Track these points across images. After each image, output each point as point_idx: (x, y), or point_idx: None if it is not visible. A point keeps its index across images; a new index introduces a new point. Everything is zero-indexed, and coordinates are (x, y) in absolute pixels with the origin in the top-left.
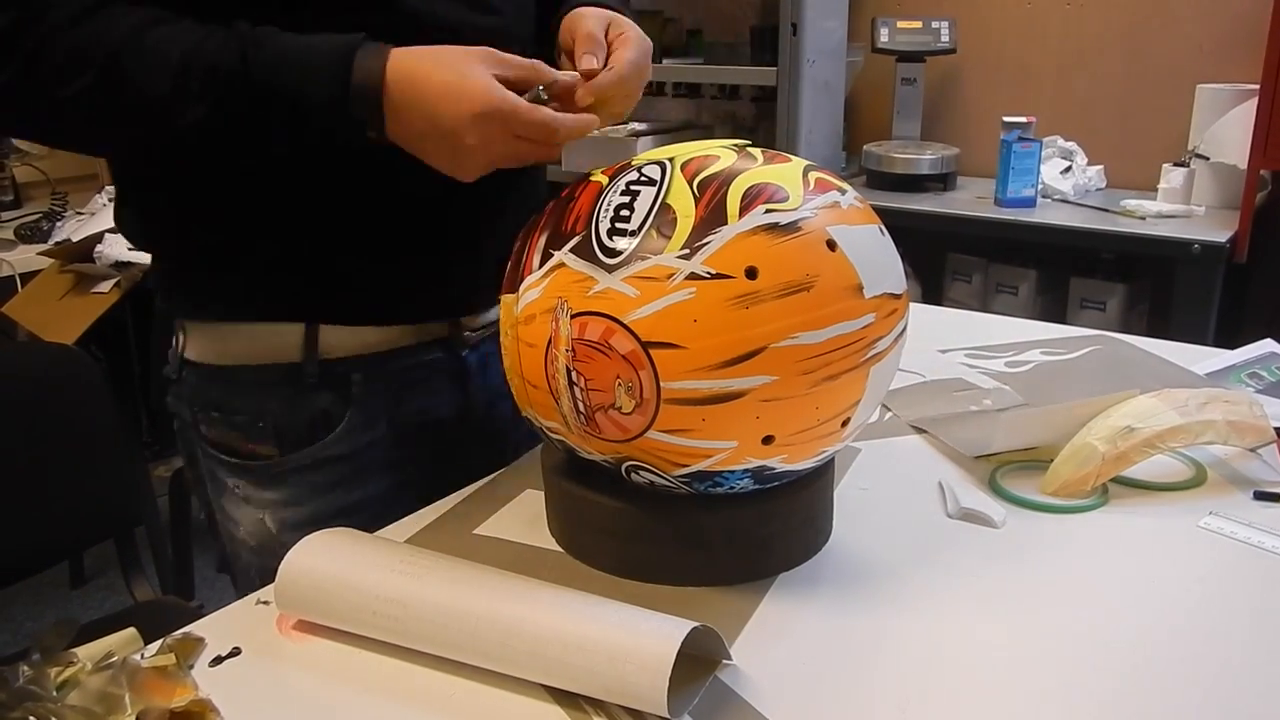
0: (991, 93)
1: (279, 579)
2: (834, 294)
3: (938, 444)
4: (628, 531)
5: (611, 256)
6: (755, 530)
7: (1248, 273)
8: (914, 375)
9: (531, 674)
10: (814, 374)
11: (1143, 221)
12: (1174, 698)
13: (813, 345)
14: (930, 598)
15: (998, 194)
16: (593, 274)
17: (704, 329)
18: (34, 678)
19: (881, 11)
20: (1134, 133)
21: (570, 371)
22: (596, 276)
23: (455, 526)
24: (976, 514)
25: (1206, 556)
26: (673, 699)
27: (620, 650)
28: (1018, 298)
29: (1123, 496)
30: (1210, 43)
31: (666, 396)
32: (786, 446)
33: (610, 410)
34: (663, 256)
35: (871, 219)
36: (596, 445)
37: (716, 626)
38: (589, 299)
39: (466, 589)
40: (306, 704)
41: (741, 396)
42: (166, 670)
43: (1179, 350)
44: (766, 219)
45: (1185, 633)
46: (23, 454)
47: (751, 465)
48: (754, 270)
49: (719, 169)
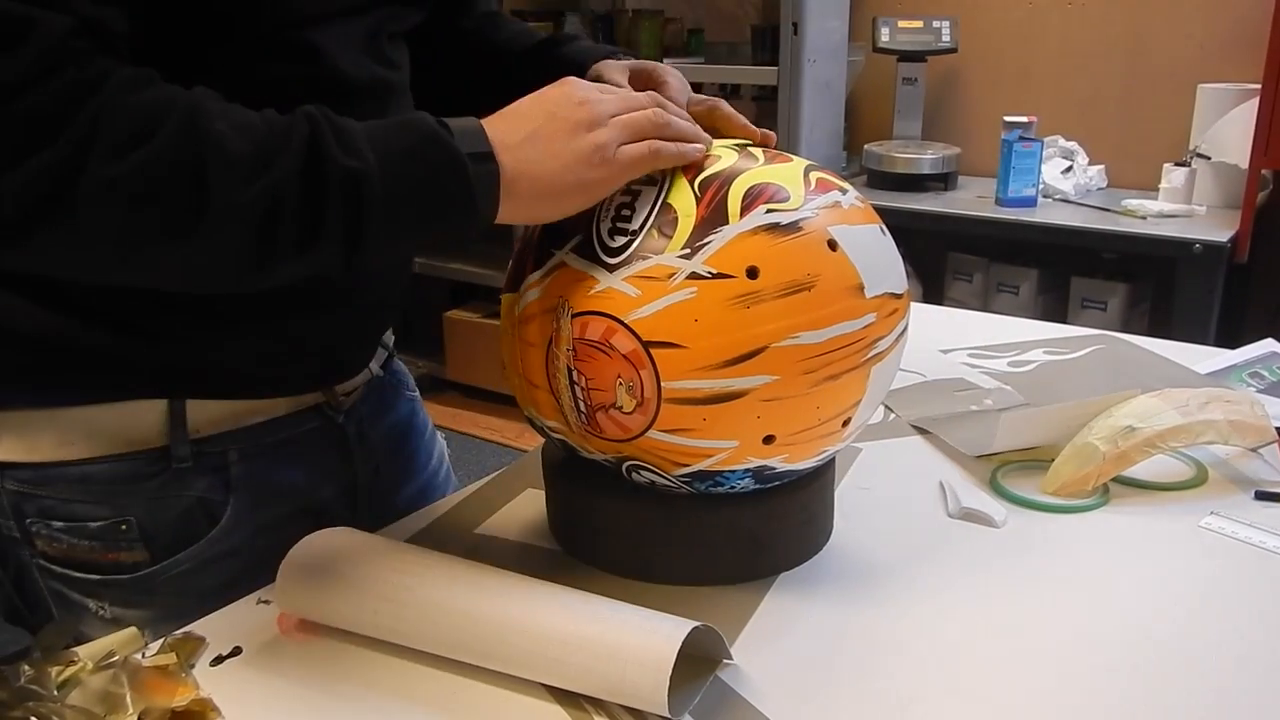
0: (992, 92)
1: (279, 577)
2: (835, 294)
3: (939, 444)
4: (628, 531)
5: (612, 256)
6: (756, 529)
7: (1249, 272)
8: (915, 375)
9: (532, 673)
10: (815, 374)
11: (1144, 221)
12: (1175, 698)
13: (814, 345)
14: (931, 597)
15: (999, 194)
16: (593, 273)
17: (705, 328)
18: (35, 677)
19: (882, 11)
20: (1135, 132)
21: (571, 371)
22: (597, 276)
23: (456, 525)
24: (977, 513)
25: (1207, 556)
26: (673, 698)
27: (621, 650)
28: (1019, 297)
29: (1123, 496)
30: (1211, 42)
31: (667, 396)
32: (788, 446)
33: (611, 410)
34: (664, 256)
35: (872, 219)
36: (597, 445)
37: (717, 626)
38: (590, 298)
39: (466, 588)
40: (308, 703)
41: (743, 396)
42: (167, 669)
43: (1180, 350)
44: (768, 219)
45: (1186, 633)
46: None
47: (752, 465)
48: (755, 270)
49: (720, 169)
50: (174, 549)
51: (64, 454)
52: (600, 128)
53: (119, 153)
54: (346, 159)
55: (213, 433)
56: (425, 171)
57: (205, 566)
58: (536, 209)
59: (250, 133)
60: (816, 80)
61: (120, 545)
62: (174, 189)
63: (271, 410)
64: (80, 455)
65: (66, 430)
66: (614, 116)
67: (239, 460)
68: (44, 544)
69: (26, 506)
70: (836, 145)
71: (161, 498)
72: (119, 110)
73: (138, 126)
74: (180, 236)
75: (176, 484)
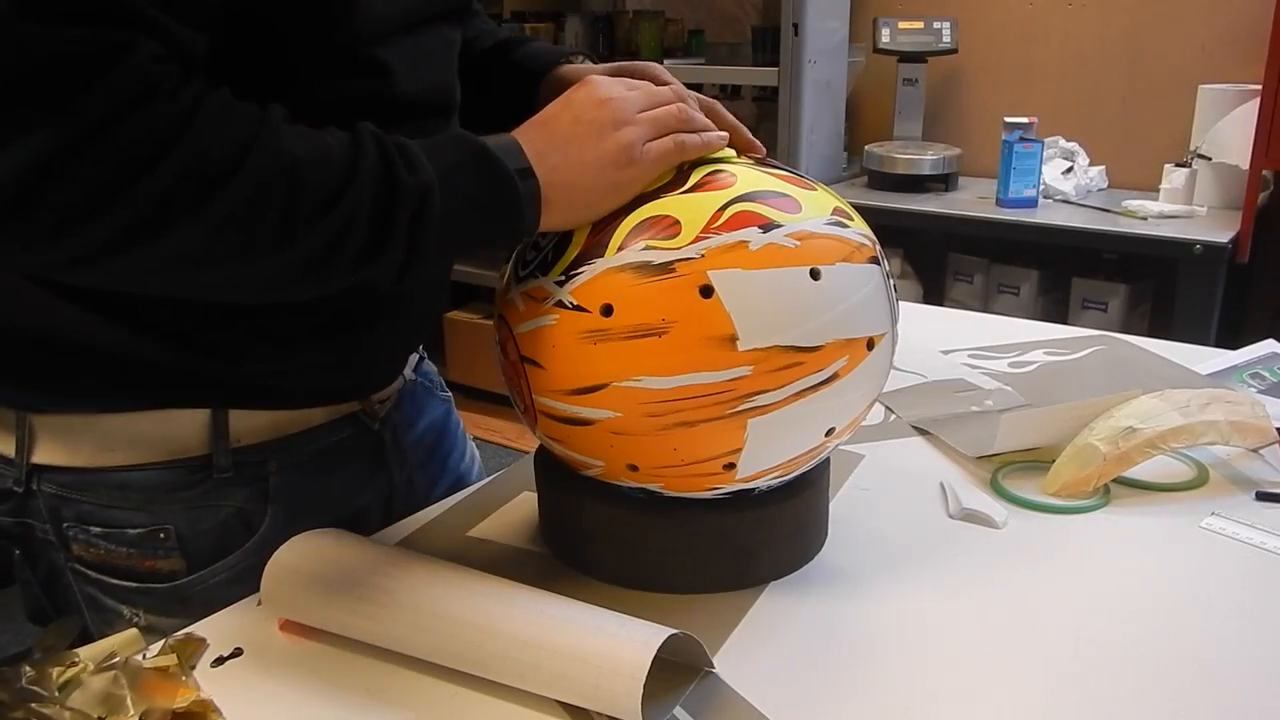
0: (993, 93)
1: (265, 579)
2: (691, 342)
3: (939, 444)
4: (614, 537)
5: (523, 267)
6: (745, 539)
7: (1250, 273)
8: (916, 376)
9: (507, 678)
10: (663, 418)
11: (1144, 222)
12: (1175, 698)
13: (659, 390)
14: (931, 598)
15: (999, 194)
16: (511, 279)
17: (559, 355)
18: (36, 678)
19: (883, 12)
20: (1136, 133)
21: (501, 365)
22: (511, 285)
23: (448, 529)
24: (978, 514)
25: (1208, 557)
26: (651, 707)
27: (595, 656)
28: (1019, 298)
29: (1124, 497)
30: (1212, 43)
31: (538, 408)
32: (657, 477)
33: (521, 409)
34: (545, 279)
35: (806, 260)
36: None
37: (710, 627)
38: (503, 304)
39: (445, 591)
40: (309, 705)
41: (591, 425)
42: (168, 671)
43: (1181, 350)
44: (640, 256)
45: (1187, 633)
46: None
47: (648, 485)
48: (610, 308)
49: (645, 189)
50: (211, 559)
51: (104, 460)
52: (626, 126)
53: (213, 184)
54: (410, 175)
55: (253, 442)
56: (479, 187)
57: (241, 576)
58: (571, 215)
59: (326, 154)
60: (817, 81)
61: (158, 553)
62: (260, 216)
63: (309, 420)
64: (121, 462)
65: (108, 436)
66: (640, 112)
67: (278, 470)
68: (80, 549)
69: (64, 510)
70: (837, 146)
71: (201, 507)
72: (210, 140)
73: (228, 155)
74: (261, 257)
75: (216, 494)
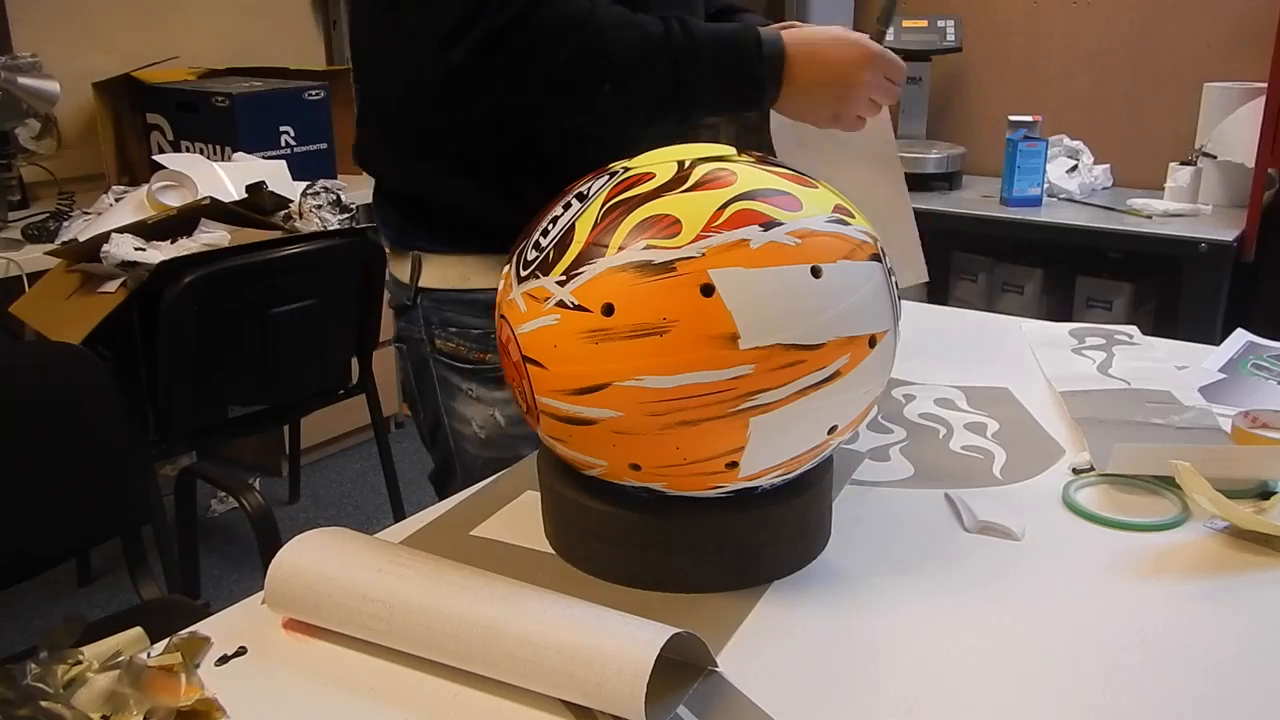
0: (997, 92)
1: (269, 577)
2: (692, 341)
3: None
4: (617, 536)
5: (524, 268)
6: (747, 538)
7: (1255, 271)
8: (1120, 382)
9: (511, 677)
10: (664, 417)
11: (1149, 220)
12: (1176, 699)
13: (661, 389)
14: (934, 598)
15: (1004, 193)
16: (513, 279)
17: (561, 355)
18: (41, 676)
19: None
20: (1141, 131)
21: (504, 365)
22: (513, 285)
23: (452, 528)
24: (995, 526)
25: (1208, 562)
26: (655, 706)
27: (599, 655)
28: (1024, 296)
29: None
30: (1218, 41)
31: (540, 407)
32: (660, 476)
33: (525, 409)
34: (546, 279)
35: (807, 258)
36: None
37: (713, 626)
38: (505, 304)
39: (449, 590)
40: (313, 704)
41: (594, 424)
42: (173, 669)
43: (1185, 349)
44: (641, 255)
45: (1187, 634)
46: (30, 453)
47: (650, 484)
48: (610, 307)
49: (646, 189)
50: None
51: (464, 284)
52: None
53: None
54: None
55: None
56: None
57: None
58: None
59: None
60: None
61: (489, 348)
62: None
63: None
64: (473, 285)
65: (468, 269)
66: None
67: None
68: (441, 343)
69: (433, 317)
70: None
71: None
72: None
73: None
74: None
75: None
